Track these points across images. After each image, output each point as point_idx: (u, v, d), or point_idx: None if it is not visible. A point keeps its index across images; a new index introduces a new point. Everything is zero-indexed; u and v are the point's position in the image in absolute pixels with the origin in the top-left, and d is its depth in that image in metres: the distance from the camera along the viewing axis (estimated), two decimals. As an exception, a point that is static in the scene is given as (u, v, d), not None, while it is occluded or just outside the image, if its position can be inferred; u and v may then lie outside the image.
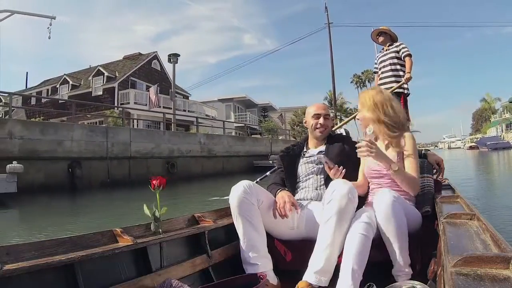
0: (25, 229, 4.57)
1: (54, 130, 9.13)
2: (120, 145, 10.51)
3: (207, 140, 14.04)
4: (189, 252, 1.53)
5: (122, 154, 10.51)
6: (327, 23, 21.74)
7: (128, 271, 1.26)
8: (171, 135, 12.84)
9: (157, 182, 1.38)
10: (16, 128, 8.40)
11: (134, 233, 1.34)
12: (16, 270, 0.94)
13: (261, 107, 31.94)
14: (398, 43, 3.66)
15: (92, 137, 9.81)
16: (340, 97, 26.67)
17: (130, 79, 20.63)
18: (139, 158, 11.03)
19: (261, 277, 1.33)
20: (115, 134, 10.50)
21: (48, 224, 4.73)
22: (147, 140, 11.49)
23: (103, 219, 4.94)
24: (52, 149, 8.87)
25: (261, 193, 1.55)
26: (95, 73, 20.94)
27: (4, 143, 8.09)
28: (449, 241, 0.87)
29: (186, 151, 12.76)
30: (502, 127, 44.90)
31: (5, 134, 8.15)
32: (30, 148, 8.49)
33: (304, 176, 1.76)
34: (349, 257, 1.26)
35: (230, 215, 1.63)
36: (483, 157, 22.04)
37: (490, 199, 5.30)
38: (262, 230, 1.50)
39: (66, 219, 5.15)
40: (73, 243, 1.15)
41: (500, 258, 0.69)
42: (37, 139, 8.67)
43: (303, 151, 1.85)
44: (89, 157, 9.60)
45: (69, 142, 9.25)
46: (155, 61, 23.09)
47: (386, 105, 1.63)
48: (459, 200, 1.47)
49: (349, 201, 1.35)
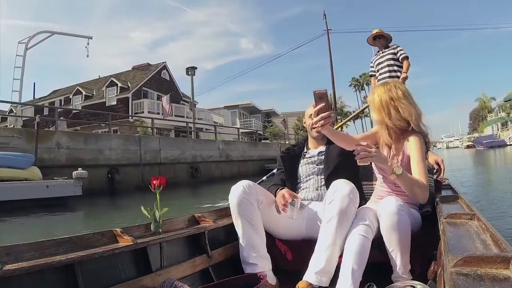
0: (97, 223, 5.52)
1: (95, 140, 10.09)
2: (152, 152, 11.47)
3: (225, 146, 15.11)
4: (189, 252, 1.52)
5: (153, 161, 11.46)
6: (326, 30, 22.51)
7: (128, 271, 1.25)
8: (194, 143, 14.02)
9: (157, 182, 1.38)
10: (63, 139, 9.29)
11: (134, 233, 1.34)
12: (16, 270, 0.94)
13: (265, 113, 32.94)
14: (395, 45, 3.72)
15: (127, 146, 10.78)
16: (340, 101, 27.64)
17: (143, 89, 21.51)
18: (168, 164, 11.98)
19: (261, 277, 1.32)
20: (147, 143, 11.49)
21: (110, 219, 5.78)
22: (174, 147, 12.52)
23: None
24: (94, 157, 9.80)
25: (261, 193, 1.54)
26: (108, 83, 21.80)
27: (53, 153, 8.95)
28: (449, 241, 0.87)
29: (207, 156, 13.79)
30: (498, 126, 46.45)
31: (53, 145, 9.00)
32: (76, 156, 9.37)
33: (305, 177, 1.76)
34: (349, 258, 1.26)
35: (230, 215, 1.65)
36: (479, 155, 23.16)
37: (490, 198, 5.42)
38: (261, 230, 1.50)
39: (119, 214, 6.05)
40: (73, 243, 1.15)
41: (500, 258, 0.69)
42: (81, 148, 9.57)
43: (303, 152, 1.85)
44: (125, 164, 10.51)
45: (108, 151, 10.19)
46: (164, 71, 24.09)
47: (394, 106, 1.48)
48: (459, 200, 1.47)
49: (351, 202, 1.35)
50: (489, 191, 6.41)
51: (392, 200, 1.31)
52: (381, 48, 3.79)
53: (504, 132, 41.07)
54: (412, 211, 1.47)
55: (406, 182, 1.37)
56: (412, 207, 1.50)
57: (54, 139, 9.06)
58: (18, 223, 5.64)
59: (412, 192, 1.39)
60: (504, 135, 39.29)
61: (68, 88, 24.76)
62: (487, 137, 38.93)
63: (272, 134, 25.52)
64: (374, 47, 3.98)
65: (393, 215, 1.26)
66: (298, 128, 29.25)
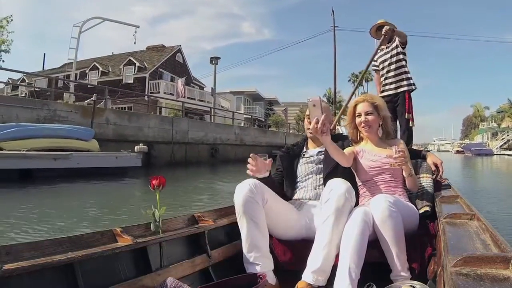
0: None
1: (137, 119, 11.49)
2: (181, 133, 12.99)
3: (240, 131, 16.64)
4: (189, 252, 1.52)
5: (182, 140, 13.00)
6: (333, 27, 23.26)
7: (128, 271, 1.25)
8: (215, 126, 15.59)
9: (157, 182, 1.37)
10: (111, 116, 10.62)
11: (134, 232, 1.33)
12: (16, 270, 0.94)
13: (268, 101, 34.25)
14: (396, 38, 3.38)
15: (162, 125, 12.20)
16: (339, 95, 28.86)
17: (159, 70, 22.59)
18: (193, 144, 13.54)
19: (260, 277, 1.32)
20: (178, 124, 12.93)
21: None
22: (199, 129, 14.09)
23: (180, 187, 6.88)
24: (135, 133, 11.16)
25: (267, 191, 1.53)
26: (126, 62, 22.75)
27: (103, 128, 10.22)
28: (449, 241, 0.88)
29: (225, 139, 15.34)
30: (488, 135, 48.50)
31: (103, 121, 10.29)
32: (120, 132, 10.74)
33: (304, 176, 1.78)
34: (346, 256, 1.26)
35: (230, 214, 1.66)
36: (466, 160, 25.64)
37: (486, 198, 5.58)
38: (265, 230, 1.49)
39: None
40: (72, 243, 1.15)
41: (500, 258, 0.70)
42: (125, 125, 10.92)
43: (302, 152, 1.87)
44: (160, 141, 11.90)
45: (147, 129, 11.55)
46: (179, 54, 25.17)
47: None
48: (459, 200, 1.47)
49: (347, 201, 1.36)
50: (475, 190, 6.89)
51: (382, 197, 1.37)
52: (384, 42, 3.42)
53: (493, 142, 43.25)
54: (407, 206, 1.53)
55: (415, 178, 1.65)
56: (403, 195, 1.63)
57: (104, 116, 10.36)
58: (98, 185, 6.84)
59: (414, 186, 1.65)
60: (493, 145, 41.49)
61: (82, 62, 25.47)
62: (476, 144, 41.31)
63: (274, 123, 27.04)
64: (377, 40, 3.57)
65: (384, 210, 1.30)
66: (299, 118, 30.58)
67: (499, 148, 38.87)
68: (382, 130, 1.76)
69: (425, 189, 1.69)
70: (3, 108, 8.27)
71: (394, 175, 1.65)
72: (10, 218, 3.71)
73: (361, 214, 1.34)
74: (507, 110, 45.75)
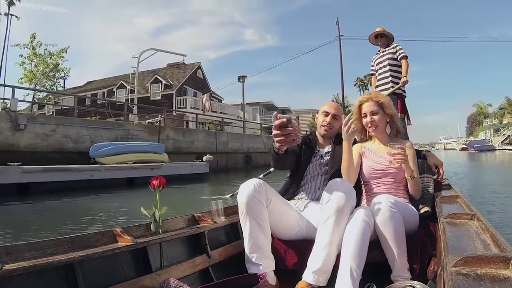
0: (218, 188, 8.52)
1: (189, 134, 13.60)
2: (222, 144, 15.26)
3: (267, 140, 18.52)
4: (189, 252, 1.52)
5: (223, 150, 15.20)
6: (338, 36, 23.12)
7: (128, 271, 1.26)
8: (248, 137, 17.92)
9: (157, 182, 1.37)
10: (170, 132, 12.73)
11: (134, 233, 1.34)
12: (16, 270, 0.94)
13: (281, 110, 36.23)
14: (395, 45, 3.72)
15: (208, 139, 14.37)
16: (346, 100, 30.13)
17: (183, 87, 24.64)
18: (232, 153, 15.73)
19: (261, 277, 1.32)
20: (220, 137, 15.32)
21: (219, 187, 8.71)
22: (236, 140, 16.32)
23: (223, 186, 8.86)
24: (188, 146, 13.29)
25: (271, 192, 1.52)
26: (152, 80, 24.83)
27: (165, 142, 12.22)
28: (449, 241, 0.88)
29: (256, 148, 17.45)
30: (491, 132, 50.99)
31: (165, 137, 12.38)
32: (177, 146, 12.83)
33: (311, 176, 1.77)
34: (347, 257, 1.26)
35: (230, 215, 1.67)
36: (469, 156, 27.50)
37: (489, 198, 5.43)
38: (268, 231, 1.48)
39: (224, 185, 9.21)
40: (73, 243, 1.15)
41: (500, 258, 0.70)
42: (180, 139, 13.01)
43: (316, 149, 1.84)
44: (206, 152, 13.82)
45: (197, 142, 13.62)
46: (199, 70, 27.22)
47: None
48: (459, 200, 1.47)
49: (347, 201, 1.35)
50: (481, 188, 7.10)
51: (383, 197, 1.37)
52: (382, 47, 3.80)
53: (495, 138, 45.71)
54: (407, 207, 1.52)
55: (417, 183, 1.60)
56: (404, 198, 1.59)
57: (165, 133, 12.43)
58: (181, 188, 8.29)
59: (416, 192, 1.60)
60: (495, 140, 43.89)
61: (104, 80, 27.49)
62: (479, 141, 43.97)
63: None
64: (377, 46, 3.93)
65: (385, 211, 1.31)
66: (313, 126, 32.28)
67: (500, 143, 40.92)
68: (390, 127, 1.73)
69: (426, 189, 1.69)
70: (92, 130, 10.26)
71: (397, 179, 1.63)
72: (128, 211, 5.07)
73: (363, 214, 1.34)
74: (507, 107, 47.89)
